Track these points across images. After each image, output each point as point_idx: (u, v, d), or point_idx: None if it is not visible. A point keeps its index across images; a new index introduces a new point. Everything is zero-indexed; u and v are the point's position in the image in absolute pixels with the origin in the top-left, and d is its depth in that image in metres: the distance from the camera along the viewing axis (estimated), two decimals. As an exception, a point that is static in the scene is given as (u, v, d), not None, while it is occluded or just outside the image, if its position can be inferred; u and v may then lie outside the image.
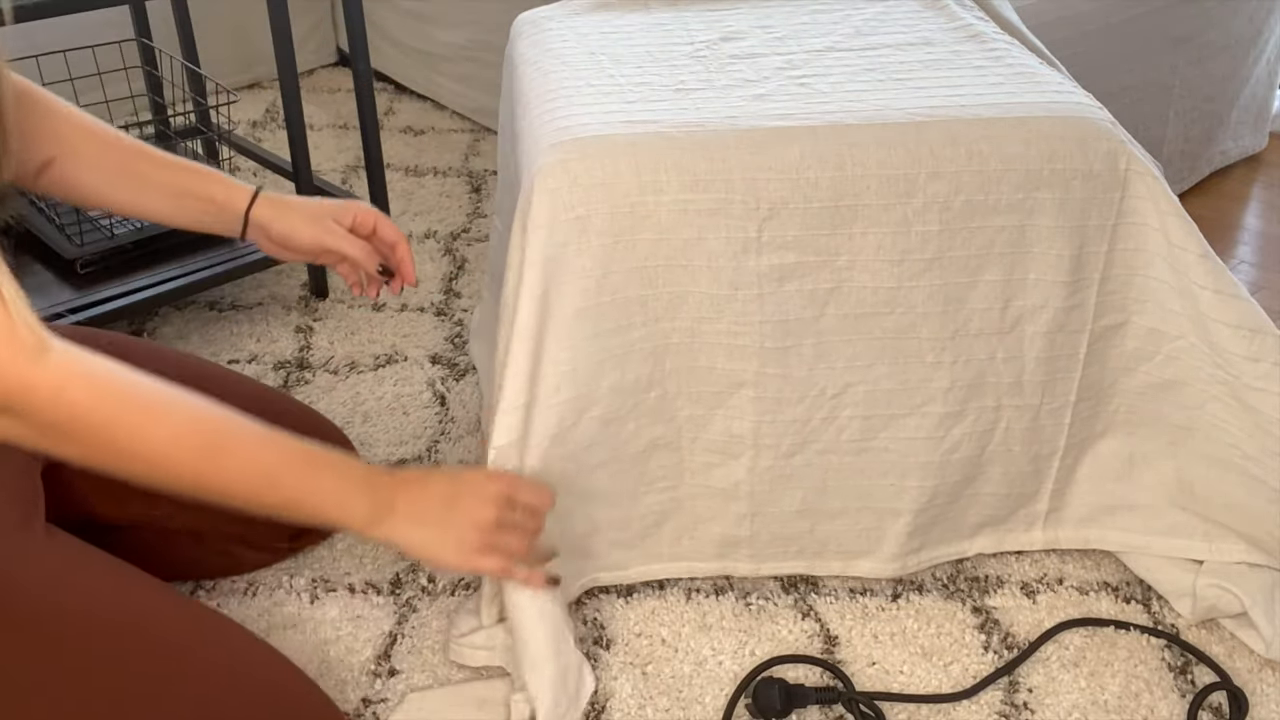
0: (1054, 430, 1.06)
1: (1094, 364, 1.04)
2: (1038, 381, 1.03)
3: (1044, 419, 1.05)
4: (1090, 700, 1.00)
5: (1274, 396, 0.98)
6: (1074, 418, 1.06)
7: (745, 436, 1.02)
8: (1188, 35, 1.72)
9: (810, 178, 0.94)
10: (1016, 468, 1.08)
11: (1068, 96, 1.02)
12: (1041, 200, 0.96)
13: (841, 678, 1.02)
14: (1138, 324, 1.03)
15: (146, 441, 0.74)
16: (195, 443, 0.76)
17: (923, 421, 1.03)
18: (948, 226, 0.96)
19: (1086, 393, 1.05)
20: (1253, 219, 1.90)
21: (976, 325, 1.00)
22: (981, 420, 1.04)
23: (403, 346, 1.49)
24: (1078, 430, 1.07)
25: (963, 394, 1.03)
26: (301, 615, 1.09)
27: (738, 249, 0.95)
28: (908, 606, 1.10)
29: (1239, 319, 0.98)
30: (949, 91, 1.02)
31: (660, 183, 0.93)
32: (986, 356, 1.02)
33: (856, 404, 1.02)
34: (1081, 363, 1.03)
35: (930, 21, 1.19)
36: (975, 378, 1.02)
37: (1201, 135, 1.88)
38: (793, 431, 1.02)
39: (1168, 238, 0.98)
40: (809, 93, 1.03)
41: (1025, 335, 1.01)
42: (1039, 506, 1.11)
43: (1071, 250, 0.98)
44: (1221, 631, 1.07)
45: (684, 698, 1.01)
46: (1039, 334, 1.01)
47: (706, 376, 1.00)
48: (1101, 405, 1.07)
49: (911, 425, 1.03)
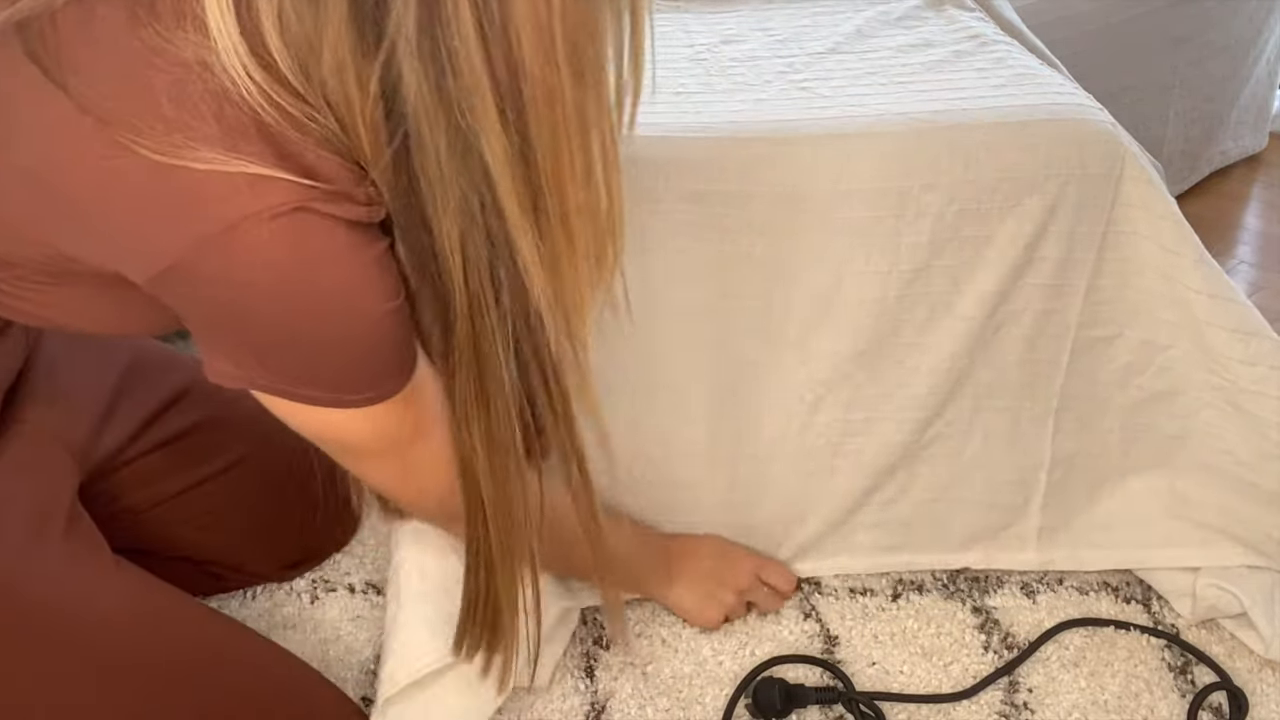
0: (1036, 439, 1.06)
1: (1080, 375, 1.03)
2: (1018, 385, 1.03)
3: (1025, 426, 1.05)
4: (1090, 700, 1.01)
5: (1270, 400, 0.98)
6: (1057, 427, 1.05)
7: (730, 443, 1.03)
8: (1188, 35, 1.72)
9: (806, 192, 0.94)
10: (1001, 476, 1.07)
11: (1069, 99, 1.01)
12: (1032, 206, 0.96)
13: (841, 678, 1.02)
14: (1129, 337, 1.02)
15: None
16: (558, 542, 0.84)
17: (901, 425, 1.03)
18: (937, 238, 0.96)
19: (1070, 402, 1.05)
20: (1253, 219, 1.90)
21: (961, 330, 1.00)
22: (959, 421, 1.04)
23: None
24: (1064, 443, 1.06)
25: (941, 397, 1.02)
26: (301, 615, 1.09)
27: (728, 260, 0.95)
28: (908, 606, 1.10)
29: (1235, 323, 0.98)
30: (950, 95, 1.02)
31: (658, 191, 0.93)
32: (967, 360, 1.01)
33: (832, 410, 1.02)
34: (1064, 370, 1.03)
35: (931, 23, 1.19)
36: (954, 381, 1.02)
37: (1201, 135, 1.88)
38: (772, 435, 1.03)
39: (1160, 244, 0.98)
40: (810, 97, 1.03)
41: (1006, 337, 1.01)
42: (1030, 523, 1.10)
43: (1057, 254, 0.98)
44: (1221, 631, 1.07)
45: (684, 698, 1.01)
46: (1020, 337, 1.01)
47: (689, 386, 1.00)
48: (1093, 421, 1.06)
49: (889, 429, 1.03)
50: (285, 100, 0.55)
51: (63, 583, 0.80)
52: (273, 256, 0.57)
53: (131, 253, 0.59)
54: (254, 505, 1.05)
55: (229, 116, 0.54)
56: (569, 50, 0.54)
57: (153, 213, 0.56)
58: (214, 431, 1.02)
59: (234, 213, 0.55)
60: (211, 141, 0.54)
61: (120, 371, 0.99)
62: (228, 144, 0.54)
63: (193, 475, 1.02)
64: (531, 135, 0.56)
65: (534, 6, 0.52)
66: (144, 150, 0.54)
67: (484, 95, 0.54)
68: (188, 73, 0.54)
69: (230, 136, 0.55)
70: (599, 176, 0.60)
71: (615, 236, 0.64)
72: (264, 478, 1.05)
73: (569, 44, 0.54)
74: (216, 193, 0.55)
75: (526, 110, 0.55)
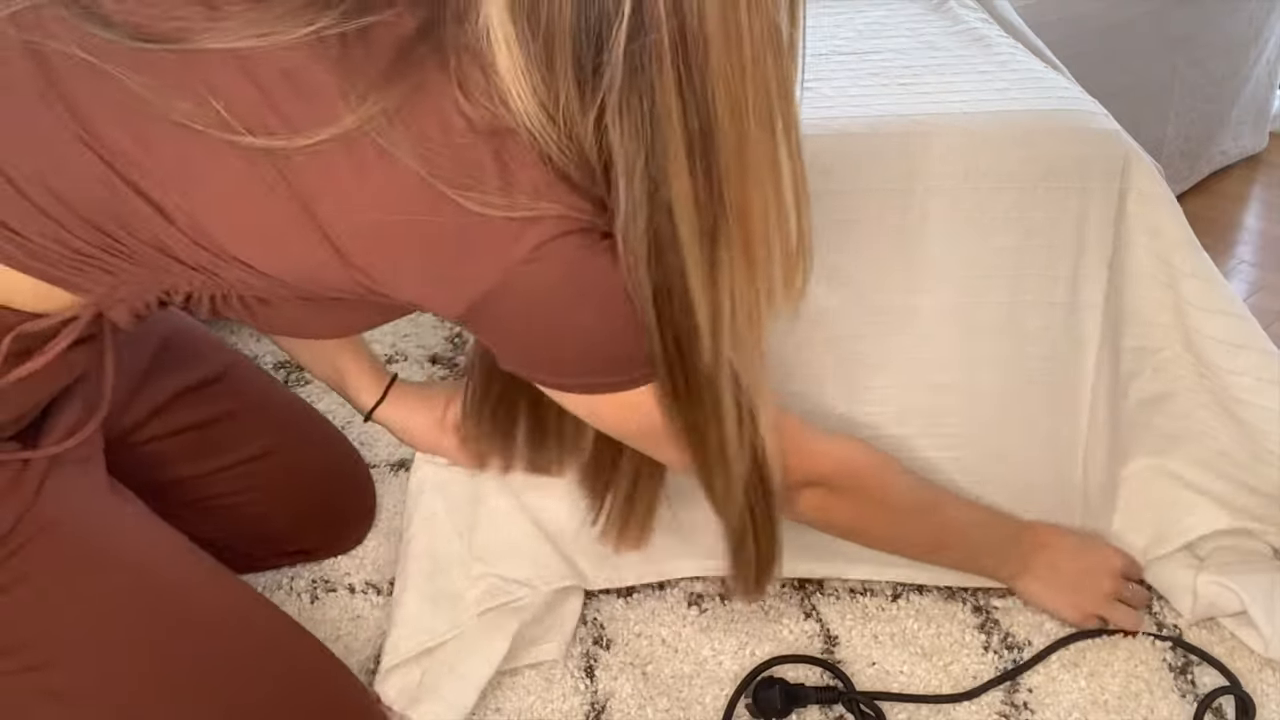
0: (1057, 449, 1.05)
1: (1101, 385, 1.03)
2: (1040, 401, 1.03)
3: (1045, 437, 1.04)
4: (1090, 700, 1.01)
5: (1259, 409, 0.98)
6: (1090, 443, 1.05)
7: None
8: (1188, 35, 1.72)
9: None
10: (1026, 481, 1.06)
11: (1072, 104, 1.01)
12: (1038, 219, 0.96)
13: (841, 678, 1.02)
14: (1127, 344, 1.03)
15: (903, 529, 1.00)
16: (927, 538, 1.02)
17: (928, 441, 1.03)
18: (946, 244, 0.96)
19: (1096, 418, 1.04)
20: (1252, 219, 1.90)
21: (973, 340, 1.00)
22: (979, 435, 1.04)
23: (403, 346, 1.49)
24: (1092, 456, 1.06)
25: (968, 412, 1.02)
26: (301, 615, 1.09)
27: None
28: (908, 606, 1.10)
29: (1224, 334, 0.98)
30: (952, 97, 1.02)
31: None
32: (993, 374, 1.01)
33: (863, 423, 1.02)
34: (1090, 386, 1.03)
35: (934, 25, 1.19)
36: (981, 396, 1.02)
37: (1201, 135, 1.88)
38: None
39: (1157, 254, 0.98)
40: (812, 97, 1.02)
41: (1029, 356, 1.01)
42: None
43: (1067, 271, 0.98)
44: (1222, 632, 1.07)
45: (684, 698, 1.01)
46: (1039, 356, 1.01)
47: None
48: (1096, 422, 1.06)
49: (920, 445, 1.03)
50: (564, 146, 0.64)
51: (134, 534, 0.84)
52: (565, 269, 0.67)
53: (448, 284, 0.69)
54: (274, 498, 1.06)
55: (532, 168, 0.65)
56: (758, 106, 0.63)
57: (470, 254, 0.67)
58: (243, 420, 1.03)
59: (536, 238, 0.66)
60: (518, 190, 0.65)
61: (154, 347, 1.00)
62: (533, 191, 0.65)
63: (214, 462, 1.02)
64: (717, 177, 0.64)
65: (728, 68, 0.61)
66: (469, 204, 0.64)
67: (677, 145, 0.62)
68: (501, 140, 0.64)
69: (535, 184, 0.65)
70: (789, 206, 0.69)
71: (806, 262, 0.72)
72: (289, 472, 1.06)
73: (759, 100, 0.63)
74: (521, 230, 0.65)
75: (717, 155, 0.64)
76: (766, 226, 0.68)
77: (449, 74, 0.63)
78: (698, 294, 0.68)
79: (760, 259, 0.69)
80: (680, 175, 0.63)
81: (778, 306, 0.72)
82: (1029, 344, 1.01)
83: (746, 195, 0.66)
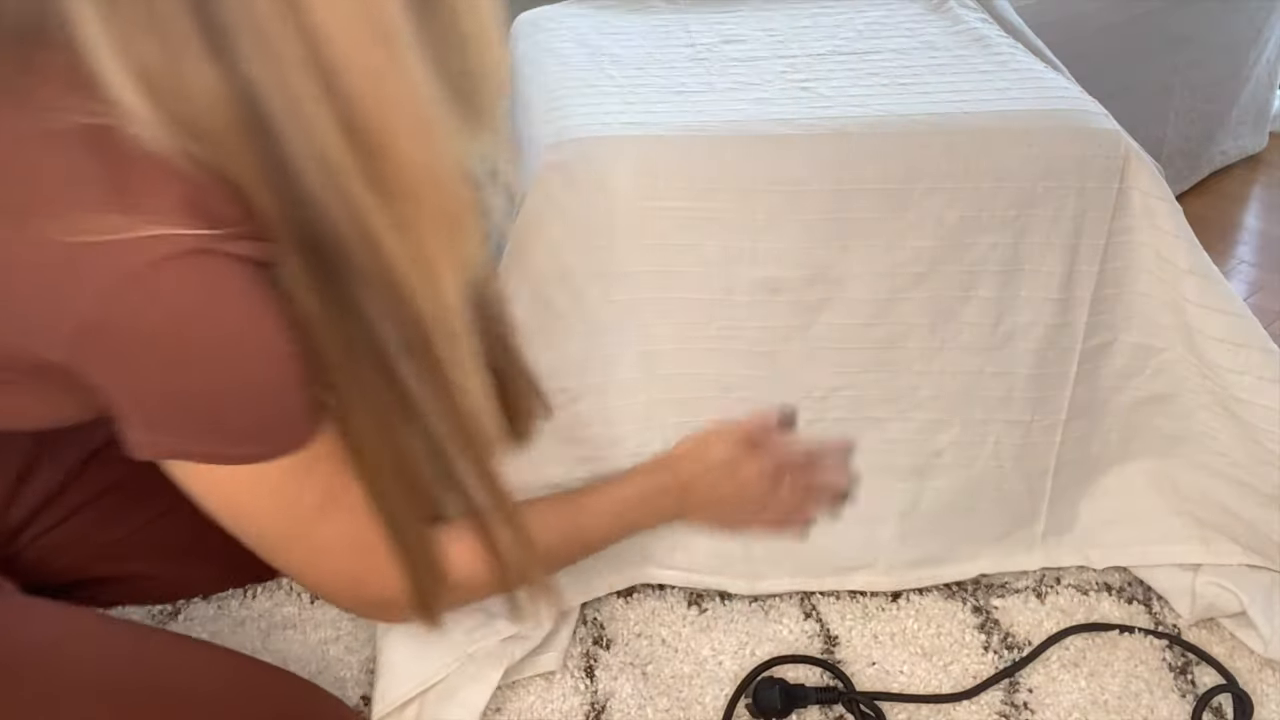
0: (1045, 448, 1.06)
1: (1084, 382, 1.04)
2: (1028, 398, 1.03)
3: (1035, 436, 1.05)
4: (1090, 700, 1.01)
5: (1259, 409, 0.98)
6: (1065, 436, 1.05)
7: None
8: (1188, 35, 1.72)
9: (807, 191, 0.94)
10: (1009, 486, 1.07)
11: (1072, 104, 1.01)
12: (1036, 217, 0.96)
13: (841, 678, 1.02)
14: (1125, 341, 1.03)
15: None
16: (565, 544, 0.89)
17: (906, 425, 1.03)
18: (941, 242, 0.96)
19: (1077, 411, 1.05)
20: (1252, 219, 1.90)
21: (966, 339, 1.00)
22: (969, 432, 1.04)
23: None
24: (1070, 449, 1.07)
25: (949, 403, 1.02)
26: (301, 615, 1.09)
27: (732, 258, 0.95)
28: (908, 607, 1.10)
29: (1225, 333, 0.98)
30: (952, 97, 1.02)
31: (659, 189, 0.93)
32: (975, 370, 1.01)
33: (841, 408, 1.02)
34: (1072, 381, 1.03)
35: (934, 25, 1.19)
36: (963, 389, 1.02)
37: (1201, 135, 1.88)
38: None
39: (1158, 252, 0.98)
40: (811, 97, 1.03)
41: (1016, 351, 1.01)
42: (1036, 528, 1.10)
43: (1063, 268, 0.98)
44: (1222, 632, 1.07)
45: (684, 698, 1.01)
46: (1029, 350, 1.01)
47: (693, 383, 1.00)
48: (1095, 424, 1.07)
49: (895, 429, 1.03)
50: (180, 139, 0.55)
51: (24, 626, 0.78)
52: (178, 300, 0.57)
53: (42, 326, 0.59)
54: (195, 541, 0.96)
55: (131, 173, 0.55)
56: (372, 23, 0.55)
57: (56, 283, 0.57)
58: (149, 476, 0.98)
59: (135, 261, 0.56)
60: (108, 207, 0.55)
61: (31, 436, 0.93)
62: (126, 205, 0.55)
63: (124, 527, 0.99)
64: (356, 106, 0.56)
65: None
66: (43, 232, 0.54)
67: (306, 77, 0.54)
68: (83, 142, 0.55)
69: (130, 196, 0.55)
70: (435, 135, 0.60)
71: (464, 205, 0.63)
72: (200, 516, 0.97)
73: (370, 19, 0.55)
74: (115, 251, 0.55)
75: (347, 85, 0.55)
76: (420, 157, 0.60)
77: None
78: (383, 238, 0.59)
79: (426, 197, 0.61)
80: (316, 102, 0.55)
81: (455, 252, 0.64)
82: (1017, 338, 1.00)
83: (386, 121, 0.58)
